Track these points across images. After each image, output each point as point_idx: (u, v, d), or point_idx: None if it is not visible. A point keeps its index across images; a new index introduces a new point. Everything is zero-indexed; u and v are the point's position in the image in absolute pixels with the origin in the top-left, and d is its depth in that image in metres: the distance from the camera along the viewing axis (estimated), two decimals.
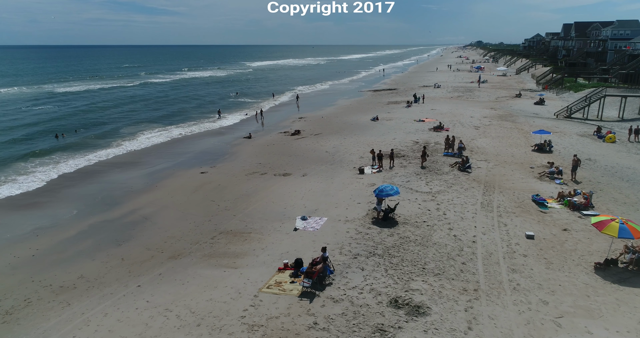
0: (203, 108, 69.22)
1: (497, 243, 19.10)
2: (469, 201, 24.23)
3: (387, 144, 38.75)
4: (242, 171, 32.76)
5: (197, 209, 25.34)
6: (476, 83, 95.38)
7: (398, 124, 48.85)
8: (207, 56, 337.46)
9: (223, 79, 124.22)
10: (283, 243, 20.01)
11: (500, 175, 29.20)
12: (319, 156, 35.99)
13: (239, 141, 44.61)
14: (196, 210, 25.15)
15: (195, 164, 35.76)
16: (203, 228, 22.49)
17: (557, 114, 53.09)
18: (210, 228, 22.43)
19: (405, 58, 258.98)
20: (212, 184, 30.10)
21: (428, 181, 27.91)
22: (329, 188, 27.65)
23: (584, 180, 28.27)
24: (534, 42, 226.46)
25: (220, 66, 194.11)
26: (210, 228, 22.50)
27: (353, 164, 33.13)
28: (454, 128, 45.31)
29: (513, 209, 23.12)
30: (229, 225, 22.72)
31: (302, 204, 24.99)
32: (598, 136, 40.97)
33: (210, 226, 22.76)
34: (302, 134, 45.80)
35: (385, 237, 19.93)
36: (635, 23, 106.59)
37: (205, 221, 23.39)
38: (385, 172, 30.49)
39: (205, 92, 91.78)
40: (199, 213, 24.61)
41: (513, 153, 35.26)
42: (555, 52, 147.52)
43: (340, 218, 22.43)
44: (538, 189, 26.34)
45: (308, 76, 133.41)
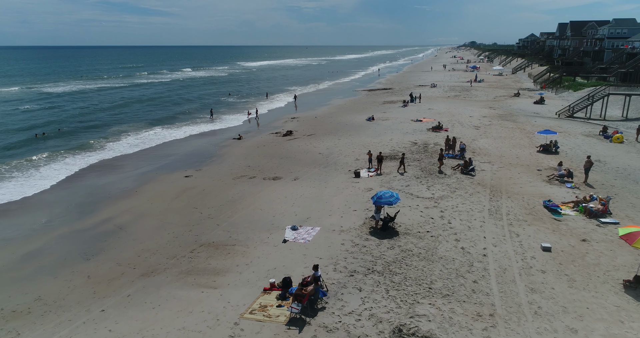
0: (194, 109, 66.78)
1: (510, 257, 17.00)
2: (475, 208, 22.14)
3: (384, 145, 36.65)
4: (229, 175, 30.51)
5: (178, 217, 23.07)
6: (472, 82, 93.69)
7: (395, 124, 46.79)
8: (199, 56, 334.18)
9: (215, 80, 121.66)
10: (270, 258, 17.80)
11: (507, 178, 27.16)
12: (312, 158, 33.83)
13: (228, 142, 42.34)
14: (176, 219, 22.88)
15: (179, 167, 33.47)
16: (182, 240, 20.23)
17: (559, 113, 51.27)
18: (190, 240, 20.17)
19: (399, 58, 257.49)
20: (196, 189, 27.83)
21: (429, 186, 25.81)
22: (322, 193, 25.48)
23: (596, 183, 26.29)
24: (528, 42, 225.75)
25: (213, 66, 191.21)
26: (190, 239, 20.25)
27: (348, 166, 31.01)
28: (453, 128, 43.31)
29: (524, 216, 21.05)
30: (212, 235, 20.48)
31: (293, 211, 22.80)
32: (604, 136, 39.11)
33: (191, 237, 20.50)
34: (294, 134, 43.63)
35: (385, 250, 17.77)
36: (633, 22, 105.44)
37: (185, 232, 21.12)
38: (383, 175, 28.36)
39: (197, 92, 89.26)
40: (179, 222, 22.35)
41: (517, 154, 33.27)
42: (551, 52, 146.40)
43: (335, 228, 20.27)
44: (548, 193, 24.31)
45: (302, 76, 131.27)
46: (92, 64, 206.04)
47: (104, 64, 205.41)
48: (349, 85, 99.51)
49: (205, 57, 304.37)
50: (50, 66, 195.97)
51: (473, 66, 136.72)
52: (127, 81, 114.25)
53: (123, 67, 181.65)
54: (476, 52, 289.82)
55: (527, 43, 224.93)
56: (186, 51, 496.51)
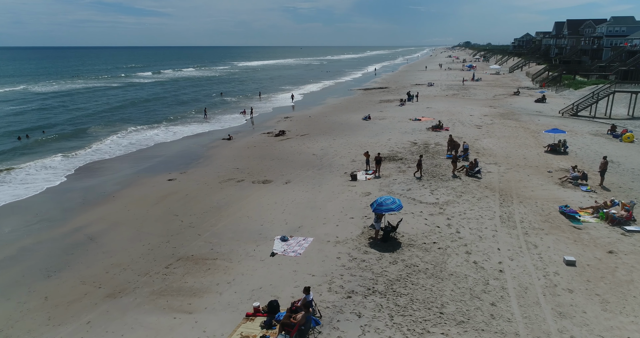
0: (186, 108, 64.27)
1: (530, 273, 14.86)
2: (485, 215, 20.00)
3: (382, 146, 34.49)
4: (215, 178, 28.23)
5: (156, 226, 20.77)
6: (470, 81, 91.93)
7: (392, 123, 44.66)
8: (194, 56, 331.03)
9: (210, 79, 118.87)
10: (256, 275, 15.56)
11: (516, 181, 25.06)
12: (305, 160, 31.61)
13: (217, 143, 40.03)
14: (154, 228, 20.59)
15: (163, 170, 31.13)
16: (158, 253, 17.95)
17: (563, 112, 49.35)
18: (167, 253, 17.89)
19: (395, 58, 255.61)
20: (178, 194, 25.54)
21: (433, 190, 23.65)
22: (316, 198, 23.26)
23: (613, 186, 24.26)
24: (524, 41, 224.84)
25: (207, 66, 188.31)
26: (168, 252, 17.97)
27: (344, 168, 28.82)
28: (454, 127, 41.24)
29: (540, 224, 18.94)
30: (191, 247, 18.21)
31: (283, 219, 20.56)
32: (613, 135, 37.17)
33: (168, 249, 18.22)
34: (287, 135, 41.39)
35: (387, 265, 15.58)
36: (631, 19, 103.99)
37: (162, 243, 18.84)
38: (382, 178, 26.19)
39: (191, 92, 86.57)
40: (157, 232, 20.06)
41: (524, 154, 31.20)
42: (548, 51, 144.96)
43: (330, 239, 18.05)
44: (563, 198, 22.23)
45: (296, 76, 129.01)
46: (86, 65, 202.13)
47: (98, 65, 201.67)
48: (344, 84, 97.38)
49: (201, 58, 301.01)
50: (42, 66, 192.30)
51: (469, 65, 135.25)
52: (120, 81, 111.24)
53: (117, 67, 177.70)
54: (471, 52, 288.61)
55: (523, 42, 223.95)
56: (182, 52, 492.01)
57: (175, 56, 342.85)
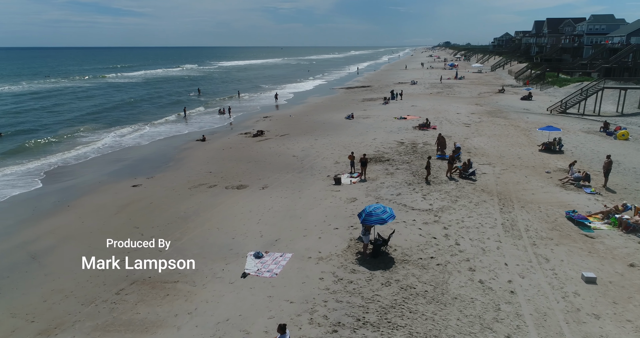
0: (161, 108, 61.02)
1: (547, 294, 12.68)
2: (485, 223, 17.83)
3: (367, 146, 32.22)
4: (185, 183, 25.51)
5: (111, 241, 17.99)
6: (453, 79, 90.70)
7: (377, 122, 42.48)
8: (173, 56, 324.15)
9: (188, 79, 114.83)
10: (223, 302, 13.02)
11: (514, 183, 23.03)
12: (285, 162, 29.12)
13: (190, 144, 37.20)
14: (109, 243, 17.81)
15: (128, 175, 28.24)
16: (109, 274, 15.24)
17: (551, 109, 47.92)
18: (120, 274, 15.20)
19: (376, 58, 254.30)
20: (142, 202, 22.77)
21: (425, 194, 21.41)
22: (296, 205, 20.79)
23: (617, 187, 22.42)
24: (503, 40, 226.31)
25: (186, 65, 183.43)
26: (121, 273, 15.27)
27: (327, 171, 26.43)
28: (441, 126, 39.25)
29: (548, 233, 16.84)
30: (150, 267, 15.54)
31: (258, 231, 18.03)
32: (607, 132, 35.67)
33: (122, 270, 15.51)
34: (265, 135, 38.82)
35: (378, 287, 13.21)
36: (611, 18, 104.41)
37: (116, 262, 16.10)
38: (368, 182, 23.87)
39: (167, 91, 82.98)
40: (112, 249, 17.27)
41: (518, 153, 29.30)
42: (528, 49, 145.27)
43: (311, 254, 15.61)
44: (567, 201, 20.25)
45: (277, 75, 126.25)
46: (60, 65, 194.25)
47: (73, 65, 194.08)
48: (325, 83, 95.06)
49: (180, 58, 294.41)
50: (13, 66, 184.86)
51: (451, 64, 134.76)
52: (93, 82, 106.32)
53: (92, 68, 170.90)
54: (451, 52, 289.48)
55: (502, 42, 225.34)
56: (161, 52, 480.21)
57: (154, 56, 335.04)
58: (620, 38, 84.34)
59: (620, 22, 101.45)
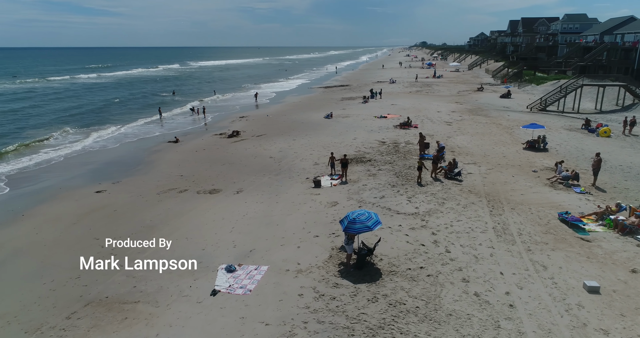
0: (132, 109, 58.56)
1: (549, 307, 11.54)
2: (475, 227, 16.69)
3: (347, 146, 30.95)
4: (153, 188, 23.72)
5: (67, 255, 16.19)
6: (431, 78, 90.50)
7: (357, 121, 41.27)
8: (148, 56, 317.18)
9: (163, 79, 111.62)
10: (189, 326, 11.46)
11: (501, 183, 22.05)
12: (261, 164, 27.57)
13: (162, 146, 35.23)
14: (64, 257, 16.01)
15: (92, 180, 26.22)
16: (62, 295, 13.49)
17: (531, 107, 47.57)
18: (73, 294, 13.46)
19: (354, 58, 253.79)
20: (105, 209, 20.92)
21: (410, 196, 20.20)
22: (273, 211, 19.30)
23: (607, 186, 21.67)
24: (479, 40, 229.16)
25: (161, 65, 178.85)
26: (75, 293, 13.54)
27: (305, 173, 25.02)
28: (422, 124, 38.30)
29: (542, 237, 15.80)
30: (108, 285, 13.85)
31: (231, 240, 16.48)
32: (588, 129, 35.27)
33: (76, 289, 13.79)
34: (241, 135, 37.14)
35: (364, 305, 11.86)
36: (584, 17, 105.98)
37: (70, 280, 14.36)
38: (349, 184, 22.54)
39: (141, 91, 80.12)
40: (68, 263, 15.49)
41: (503, 152, 28.46)
42: (504, 48, 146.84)
43: (289, 267, 14.15)
44: (558, 202, 19.33)
45: (254, 75, 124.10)
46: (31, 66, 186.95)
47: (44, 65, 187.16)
48: (304, 83, 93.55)
49: (155, 57, 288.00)
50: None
51: (429, 63, 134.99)
52: (65, 82, 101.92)
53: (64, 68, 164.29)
54: (428, 52, 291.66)
55: (478, 41, 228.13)
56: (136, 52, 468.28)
57: (129, 56, 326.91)
58: (594, 37, 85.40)
59: (593, 21, 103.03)
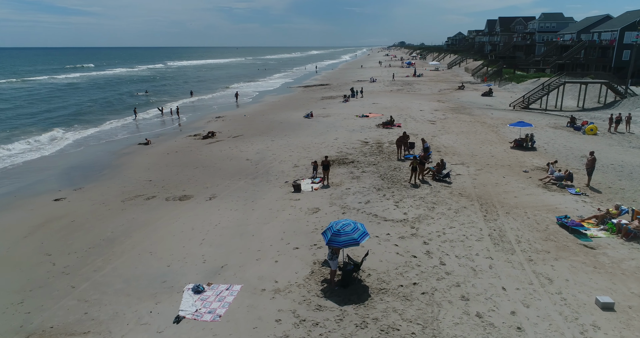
0: (104, 110, 55.70)
1: (562, 329, 10.15)
2: (470, 234, 15.30)
3: (329, 146, 29.40)
4: (118, 195, 21.71)
5: (11, 275, 14.17)
6: (411, 77, 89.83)
7: (338, 120, 39.77)
8: (125, 56, 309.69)
9: (139, 79, 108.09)
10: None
11: (493, 185, 20.79)
12: (237, 167, 25.78)
13: (132, 148, 33.05)
14: (9, 278, 13.99)
15: (52, 187, 24.03)
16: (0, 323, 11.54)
17: (514, 105, 46.87)
18: (12, 324, 11.51)
19: (333, 57, 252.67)
20: (63, 220, 18.86)
21: (398, 201, 18.73)
22: (248, 219, 17.58)
23: (601, 186, 20.63)
24: (457, 40, 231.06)
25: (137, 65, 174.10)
26: (14, 322, 11.59)
27: (284, 176, 23.35)
28: (405, 123, 37.04)
29: (542, 244, 14.49)
30: (54, 311, 11.94)
31: (201, 254, 14.70)
32: (574, 127, 34.54)
33: (17, 317, 11.83)
34: (217, 136, 35.23)
35: (352, 332, 10.27)
36: (560, 16, 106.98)
37: (12, 306, 12.37)
38: (332, 188, 20.96)
39: (115, 92, 76.85)
40: (10, 285, 13.50)
41: (491, 151, 27.33)
42: (482, 48, 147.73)
43: (265, 285, 12.47)
44: (554, 204, 18.14)
45: (233, 74, 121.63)
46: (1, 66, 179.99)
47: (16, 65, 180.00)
48: (283, 82, 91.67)
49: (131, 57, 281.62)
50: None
51: (408, 62, 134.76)
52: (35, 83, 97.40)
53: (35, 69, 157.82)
54: (407, 51, 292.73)
55: (456, 41, 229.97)
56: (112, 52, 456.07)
57: (104, 56, 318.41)
58: (571, 35, 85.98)
59: (569, 20, 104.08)
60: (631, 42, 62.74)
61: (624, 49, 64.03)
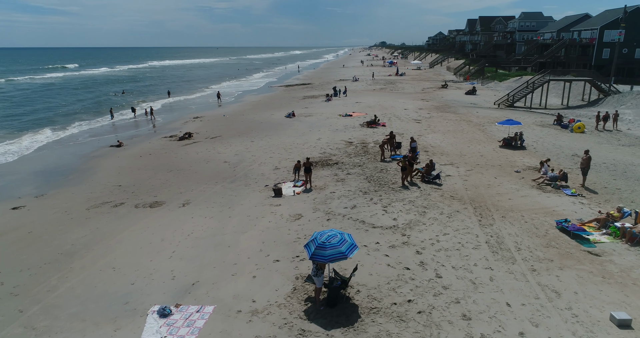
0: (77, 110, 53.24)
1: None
2: (466, 241, 14.10)
3: (311, 147, 28.05)
4: (84, 202, 19.95)
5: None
6: (394, 76, 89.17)
7: (320, 120, 38.44)
8: (103, 56, 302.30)
9: (115, 79, 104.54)
10: None
11: (485, 186, 19.71)
12: (214, 170, 24.21)
13: (103, 151, 31.12)
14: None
15: (11, 194, 22.07)
16: None
17: (498, 103, 46.26)
18: None
19: (315, 57, 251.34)
20: (19, 231, 17.06)
21: (386, 205, 17.46)
22: (225, 228, 16.08)
23: (596, 187, 19.74)
24: (438, 39, 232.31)
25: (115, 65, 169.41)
26: None
27: (264, 179, 21.89)
28: (390, 122, 35.93)
29: (544, 252, 13.38)
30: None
31: (170, 270, 13.15)
32: (561, 125, 33.88)
33: None
34: (194, 138, 33.53)
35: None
36: (540, 15, 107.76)
37: None
38: (315, 191, 19.59)
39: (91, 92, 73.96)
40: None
41: (480, 151, 26.34)
42: (463, 47, 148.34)
43: (242, 306, 11.02)
44: (551, 207, 17.11)
45: (213, 74, 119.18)
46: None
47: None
48: (264, 81, 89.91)
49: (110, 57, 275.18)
50: None
51: (390, 61, 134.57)
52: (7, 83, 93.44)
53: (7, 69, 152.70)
54: (388, 51, 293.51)
55: (437, 41, 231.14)
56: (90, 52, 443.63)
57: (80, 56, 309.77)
58: (551, 34, 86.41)
59: (548, 19, 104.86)
60: (611, 41, 63.34)
61: (603, 47, 64.30)
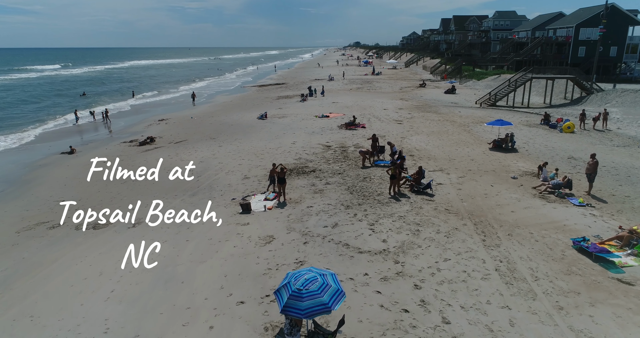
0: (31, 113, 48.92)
1: None
2: (472, 269, 11.70)
3: (285, 152, 25.36)
4: (15, 223, 16.73)
5: None
6: (370, 75, 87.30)
7: (295, 122, 35.77)
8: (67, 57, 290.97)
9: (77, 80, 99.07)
10: None
11: (481, 196, 17.43)
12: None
13: (52, 159, 27.64)
14: None
15: None
16: None
17: (480, 102, 44.56)
18: None
19: (289, 57, 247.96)
20: None
21: (372, 222, 14.93)
22: (179, 255, 13.24)
23: (603, 194, 17.74)
24: (412, 39, 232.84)
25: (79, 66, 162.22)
26: None
27: (231, 191, 19.08)
28: (370, 124, 33.57)
29: (568, 282, 11.08)
30: None
31: (104, 318, 10.27)
32: (549, 125, 32.18)
33: None
34: (156, 142, 30.35)
35: None
36: (514, 14, 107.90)
37: None
38: (289, 205, 16.91)
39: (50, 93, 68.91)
40: None
41: (469, 154, 24.17)
42: (437, 46, 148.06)
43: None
44: (561, 220, 14.93)
45: (182, 74, 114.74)
46: None
47: None
48: (236, 81, 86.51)
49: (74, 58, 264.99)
50: None
51: (365, 61, 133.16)
52: None
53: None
54: (362, 51, 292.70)
55: (411, 40, 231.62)
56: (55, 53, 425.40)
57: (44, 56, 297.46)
58: (526, 32, 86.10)
59: (522, 18, 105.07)
60: (587, 39, 62.93)
61: (579, 45, 63.90)
